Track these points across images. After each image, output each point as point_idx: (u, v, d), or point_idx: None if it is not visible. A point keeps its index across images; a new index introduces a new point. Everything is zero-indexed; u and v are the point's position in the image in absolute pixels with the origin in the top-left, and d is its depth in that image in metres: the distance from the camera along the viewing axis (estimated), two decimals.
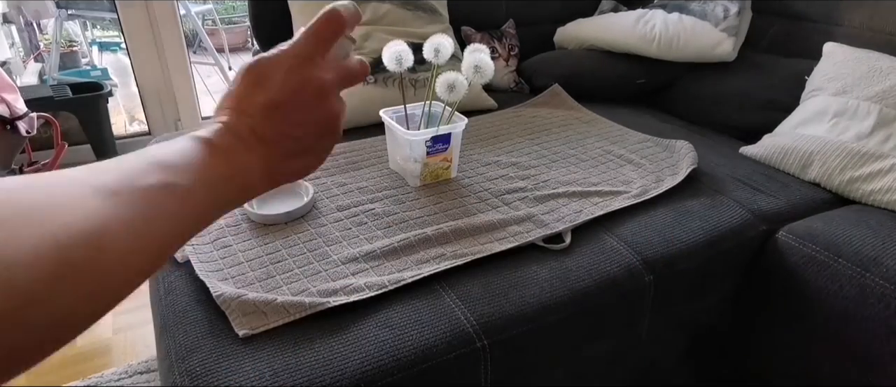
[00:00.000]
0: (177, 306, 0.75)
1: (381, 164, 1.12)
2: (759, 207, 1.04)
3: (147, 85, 2.28)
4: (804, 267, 0.95)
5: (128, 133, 2.52)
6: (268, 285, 0.76)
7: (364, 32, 1.38)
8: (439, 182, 1.05)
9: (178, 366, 0.67)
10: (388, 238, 0.87)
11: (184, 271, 0.81)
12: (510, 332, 0.75)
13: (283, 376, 0.63)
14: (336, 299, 0.73)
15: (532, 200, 1.00)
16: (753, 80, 1.43)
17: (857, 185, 1.07)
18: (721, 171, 1.16)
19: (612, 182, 1.07)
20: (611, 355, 0.91)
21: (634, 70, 1.59)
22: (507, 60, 1.64)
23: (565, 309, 0.79)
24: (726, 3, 1.49)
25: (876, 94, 1.13)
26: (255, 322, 0.70)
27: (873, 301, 0.87)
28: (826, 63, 1.27)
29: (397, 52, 0.98)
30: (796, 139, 1.17)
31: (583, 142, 1.25)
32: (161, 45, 2.21)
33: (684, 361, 1.10)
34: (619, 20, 1.61)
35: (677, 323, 0.99)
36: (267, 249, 0.84)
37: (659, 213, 0.99)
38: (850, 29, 1.37)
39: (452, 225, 0.90)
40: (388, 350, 0.68)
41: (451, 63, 1.02)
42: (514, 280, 0.81)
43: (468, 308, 0.75)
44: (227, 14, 4.42)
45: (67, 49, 2.84)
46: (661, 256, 0.90)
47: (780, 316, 1.01)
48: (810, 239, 0.96)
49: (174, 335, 0.71)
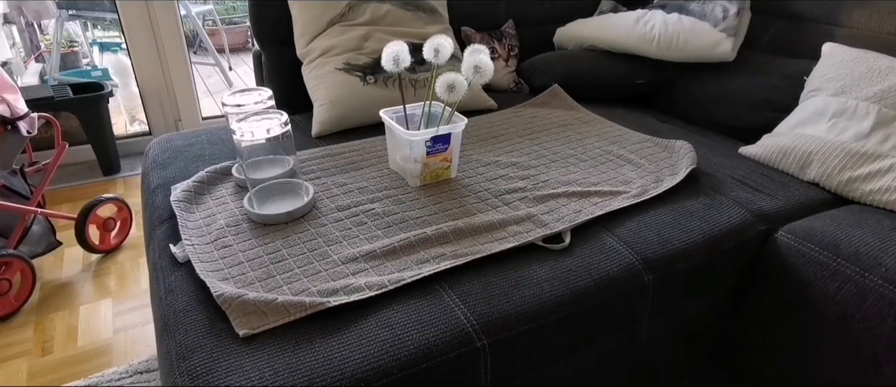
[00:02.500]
0: (177, 305, 0.75)
1: (381, 164, 1.12)
2: (758, 207, 1.04)
3: (147, 85, 2.28)
4: (803, 267, 0.95)
5: (128, 133, 2.52)
6: (268, 285, 0.77)
7: (364, 32, 1.39)
8: (439, 182, 1.06)
9: (178, 366, 0.67)
10: (388, 238, 0.87)
11: (184, 271, 0.82)
12: (510, 332, 0.75)
13: (283, 376, 0.64)
14: (336, 298, 0.74)
15: (532, 200, 1.00)
16: (753, 80, 1.43)
17: (856, 185, 1.08)
18: (720, 171, 1.16)
19: (611, 182, 1.08)
20: (610, 354, 0.91)
21: (634, 70, 1.59)
22: (507, 60, 1.64)
23: (565, 309, 0.80)
24: (725, 3, 1.50)
25: (875, 95, 1.13)
26: (255, 322, 0.70)
27: (872, 301, 0.87)
28: (825, 63, 1.27)
29: (395, 53, 0.98)
30: (795, 139, 1.17)
31: (582, 142, 1.25)
32: (161, 45, 2.21)
33: (684, 361, 1.10)
34: (618, 20, 1.61)
35: (677, 323, 0.99)
36: (267, 249, 0.84)
37: (658, 213, 0.99)
38: (850, 29, 1.37)
39: (452, 225, 0.90)
40: (388, 350, 0.68)
41: (451, 63, 1.02)
42: (514, 280, 0.81)
43: (468, 308, 0.75)
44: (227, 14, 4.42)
45: (68, 49, 2.84)
46: (660, 255, 0.90)
47: (779, 316, 1.01)
48: (809, 239, 0.96)
49: (174, 335, 0.71)
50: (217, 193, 1.01)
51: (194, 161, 1.14)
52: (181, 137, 1.26)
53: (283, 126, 0.90)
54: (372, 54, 1.36)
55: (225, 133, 1.29)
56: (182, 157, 1.16)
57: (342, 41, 1.36)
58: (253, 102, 0.98)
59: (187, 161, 1.14)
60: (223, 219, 0.92)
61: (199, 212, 0.95)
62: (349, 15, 1.40)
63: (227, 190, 1.02)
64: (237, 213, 0.94)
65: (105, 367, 1.27)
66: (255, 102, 0.98)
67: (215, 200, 0.99)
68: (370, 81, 1.32)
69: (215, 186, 1.03)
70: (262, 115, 0.92)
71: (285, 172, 0.96)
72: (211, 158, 1.15)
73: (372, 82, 1.32)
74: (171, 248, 0.87)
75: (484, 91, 1.49)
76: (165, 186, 1.06)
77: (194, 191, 1.01)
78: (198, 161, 1.14)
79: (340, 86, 1.30)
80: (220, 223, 0.91)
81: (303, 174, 1.07)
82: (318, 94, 1.32)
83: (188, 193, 1.00)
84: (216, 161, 1.13)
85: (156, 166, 1.14)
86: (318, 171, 1.09)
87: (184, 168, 1.11)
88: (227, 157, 1.16)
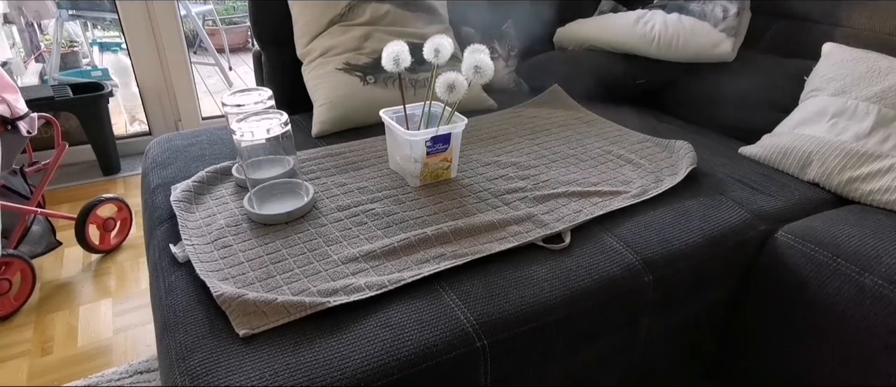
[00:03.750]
0: (177, 305, 0.75)
1: (381, 164, 1.12)
2: (758, 206, 1.04)
3: (148, 85, 2.28)
4: (803, 267, 0.95)
5: (128, 133, 2.52)
6: (268, 285, 0.77)
7: (364, 33, 1.39)
8: (439, 182, 1.06)
9: (178, 366, 0.67)
10: (388, 238, 0.87)
11: (184, 271, 0.82)
12: (510, 332, 0.75)
13: (283, 376, 0.64)
14: (336, 298, 0.74)
15: (532, 200, 1.00)
16: (752, 80, 1.43)
17: (856, 185, 1.08)
18: (720, 171, 1.16)
19: (611, 182, 1.08)
20: (610, 354, 0.91)
21: (634, 70, 1.59)
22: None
23: (565, 309, 0.80)
24: (726, 3, 1.50)
25: (875, 95, 1.13)
26: (255, 322, 0.70)
27: (872, 301, 0.87)
28: (825, 63, 1.27)
29: (395, 53, 0.98)
30: (795, 139, 1.17)
31: (582, 142, 1.25)
32: (161, 45, 2.21)
33: (684, 360, 1.10)
34: (618, 20, 1.61)
35: (677, 323, 0.99)
36: (267, 249, 0.84)
37: (658, 213, 0.99)
38: (850, 29, 1.37)
39: (452, 225, 0.90)
40: (388, 350, 0.68)
41: (451, 63, 1.02)
42: (514, 280, 0.81)
43: (468, 308, 0.75)
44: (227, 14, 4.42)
45: (68, 49, 2.84)
46: (660, 255, 0.90)
47: (778, 316, 1.01)
48: (809, 239, 0.96)
49: (174, 335, 0.71)
50: (217, 193, 1.01)
51: (194, 161, 1.14)
52: (181, 137, 1.26)
53: (283, 126, 0.90)
54: (372, 54, 1.36)
55: (225, 133, 1.29)
56: (182, 157, 1.16)
57: (342, 41, 1.36)
58: (253, 102, 0.98)
59: (187, 161, 1.14)
60: (223, 219, 0.92)
61: (199, 212, 0.95)
62: (349, 15, 1.40)
63: (227, 190, 1.02)
64: (237, 213, 0.94)
65: (105, 367, 1.27)
66: (255, 102, 0.98)
67: (215, 200, 0.99)
68: (370, 81, 1.32)
69: (215, 186, 1.03)
70: (262, 115, 0.92)
71: (285, 172, 0.96)
72: (211, 158, 1.15)
73: (372, 82, 1.32)
74: (171, 248, 0.87)
75: (484, 91, 1.49)
76: (165, 186, 1.06)
77: (194, 191, 1.01)
78: (198, 161, 1.14)
79: (340, 86, 1.30)
80: (220, 223, 0.91)
81: (303, 174, 1.07)
82: (318, 95, 1.32)
83: (188, 193, 1.00)
84: (216, 161, 1.13)
85: (156, 166, 1.14)
86: (318, 171, 1.09)
87: (184, 168, 1.11)
88: (227, 157, 1.15)
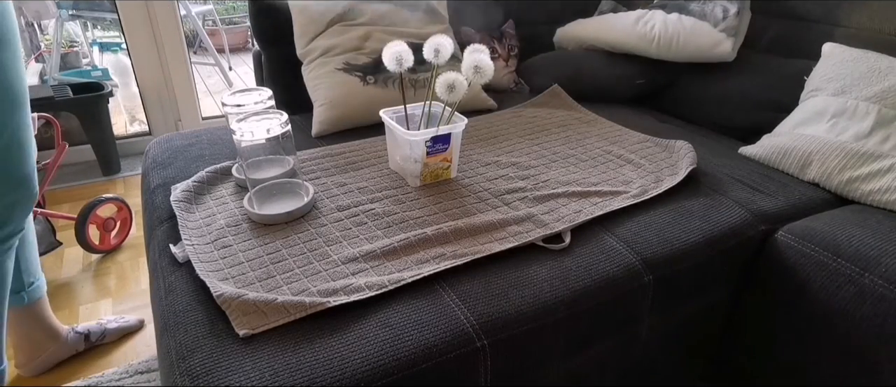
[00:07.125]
0: (177, 305, 0.75)
1: (381, 164, 1.12)
2: (758, 207, 1.04)
3: (147, 85, 2.28)
4: (803, 267, 0.95)
5: (128, 133, 2.52)
6: (268, 285, 0.77)
7: (364, 32, 1.39)
8: (439, 182, 1.06)
9: (178, 366, 0.67)
10: (388, 238, 0.87)
11: (184, 271, 0.82)
12: (510, 332, 0.75)
13: (283, 376, 0.64)
14: (336, 298, 0.74)
15: (532, 200, 1.00)
16: (753, 80, 1.43)
17: (856, 185, 1.08)
18: (720, 171, 1.16)
19: (611, 182, 1.08)
20: (610, 354, 0.91)
21: (634, 70, 1.59)
22: (507, 61, 1.64)
23: (565, 309, 0.80)
24: (725, 3, 1.50)
25: (875, 95, 1.13)
26: (255, 322, 0.70)
27: (872, 301, 0.87)
28: (825, 63, 1.27)
29: (397, 53, 0.98)
30: (795, 139, 1.17)
31: (582, 142, 1.25)
32: (161, 45, 2.21)
33: (684, 360, 1.10)
34: (618, 20, 1.61)
35: (677, 323, 0.99)
36: (267, 249, 0.84)
37: (658, 213, 0.99)
38: (850, 29, 1.37)
39: (452, 225, 0.90)
40: (388, 350, 0.68)
41: (451, 63, 1.02)
42: (514, 280, 0.81)
43: (468, 308, 0.75)
44: (227, 14, 4.42)
45: (68, 49, 2.84)
46: (660, 256, 0.90)
47: (778, 316, 1.01)
48: (809, 239, 0.96)
49: (174, 335, 0.71)
50: (217, 193, 1.01)
51: (194, 161, 1.14)
52: (181, 137, 1.26)
53: (283, 126, 0.90)
54: (372, 54, 1.36)
55: (225, 133, 1.28)
56: (182, 157, 1.16)
57: (342, 41, 1.36)
58: (253, 102, 0.98)
59: (187, 161, 1.14)
60: (223, 219, 0.92)
61: (199, 212, 0.95)
62: (349, 15, 1.40)
63: (227, 190, 1.02)
64: (237, 213, 0.94)
65: (104, 367, 1.27)
66: (255, 102, 0.98)
67: (215, 200, 0.99)
68: (370, 81, 1.32)
69: (215, 186, 1.03)
70: (262, 115, 0.92)
71: (285, 172, 0.96)
72: (211, 158, 1.15)
73: (372, 82, 1.32)
74: (171, 248, 0.87)
75: (484, 91, 1.49)
76: (165, 186, 1.06)
77: (194, 191, 1.01)
78: (198, 161, 1.14)
79: (340, 86, 1.30)
80: (220, 223, 0.91)
81: (303, 174, 1.07)
82: (318, 95, 1.32)
83: (188, 193, 1.00)
84: (216, 161, 1.13)
85: (156, 166, 1.14)
86: (318, 171, 1.09)
87: (184, 168, 1.11)
88: (227, 157, 1.15)
